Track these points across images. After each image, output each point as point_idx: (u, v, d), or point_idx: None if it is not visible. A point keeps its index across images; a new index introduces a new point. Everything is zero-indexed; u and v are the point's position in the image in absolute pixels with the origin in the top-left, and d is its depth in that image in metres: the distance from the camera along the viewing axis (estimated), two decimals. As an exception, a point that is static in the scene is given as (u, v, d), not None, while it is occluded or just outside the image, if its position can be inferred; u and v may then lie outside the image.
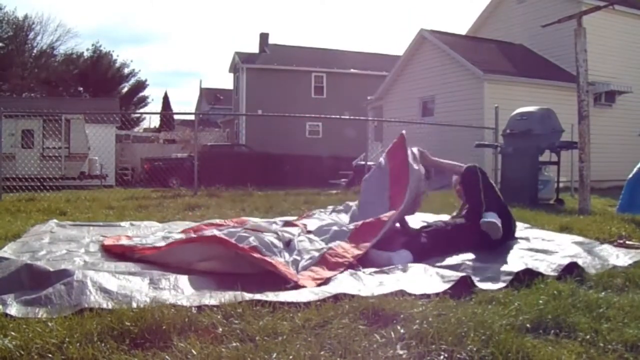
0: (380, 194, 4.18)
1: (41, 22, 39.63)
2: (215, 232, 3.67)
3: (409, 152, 4.18)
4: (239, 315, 2.21)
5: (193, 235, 3.83)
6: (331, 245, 3.43)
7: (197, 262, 3.13)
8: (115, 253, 3.57)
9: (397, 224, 4.00)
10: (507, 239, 3.94)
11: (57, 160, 16.50)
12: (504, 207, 4.09)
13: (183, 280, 2.77)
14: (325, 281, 2.87)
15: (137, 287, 2.62)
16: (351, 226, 3.81)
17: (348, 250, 3.33)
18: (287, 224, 4.39)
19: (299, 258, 3.27)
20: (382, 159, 4.48)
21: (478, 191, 3.97)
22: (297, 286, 2.74)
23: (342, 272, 3.02)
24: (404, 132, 4.41)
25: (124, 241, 3.88)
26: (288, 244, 3.53)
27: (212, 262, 3.10)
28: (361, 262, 3.26)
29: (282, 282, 2.77)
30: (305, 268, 3.11)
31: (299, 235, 3.74)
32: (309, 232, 3.92)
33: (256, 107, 24.74)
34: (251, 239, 3.26)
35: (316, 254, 3.29)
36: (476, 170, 4.04)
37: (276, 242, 3.43)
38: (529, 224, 4.98)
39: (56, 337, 1.91)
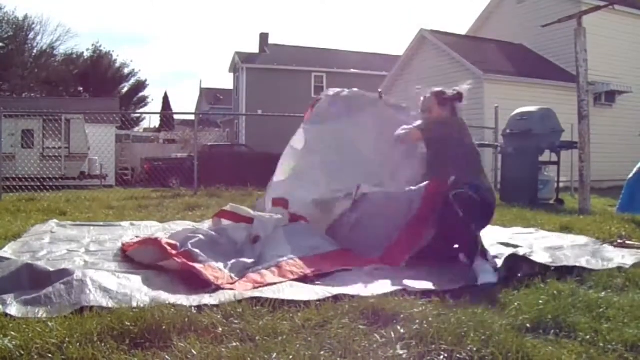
0: (389, 229, 3.54)
1: (41, 22, 39.69)
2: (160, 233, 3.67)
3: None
4: (239, 315, 2.21)
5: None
6: (295, 257, 3.19)
7: (157, 262, 3.13)
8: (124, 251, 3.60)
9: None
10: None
11: (57, 160, 16.48)
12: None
13: (183, 279, 2.78)
14: (267, 286, 2.74)
15: (137, 287, 2.62)
16: (331, 248, 3.48)
17: (312, 264, 3.11)
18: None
19: (249, 261, 3.16)
20: (419, 195, 3.57)
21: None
22: (217, 289, 2.65)
23: (289, 280, 2.85)
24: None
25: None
26: (255, 241, 3.50)
27: (168, 262, 3.07)
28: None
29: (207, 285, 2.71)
30: (255, 271, 3.01)
31: (276, 229, 3.60)
32: (295, 218, 3.77)
33: (256, 107, 24.72)
34: (192, 241, 3.25)
35: (277, 259, 3.13)
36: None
37: (239, 237, 3.49)
38: (529, 223, 4.99)
39: (56, 337, 1.91)
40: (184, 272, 2.90)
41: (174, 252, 3.06)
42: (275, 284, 2.79)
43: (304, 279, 2.90)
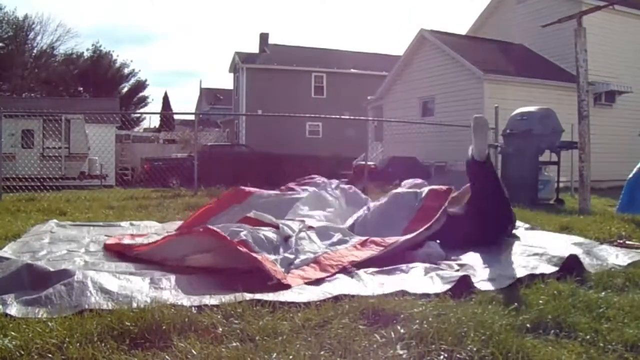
0: (400, 220, 4.07)
1: (41, 22, 39.58)
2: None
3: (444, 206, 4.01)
4: (239, 315, 2.21)
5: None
6: (329, 250, 3.40)
7: (190, 255, 3.14)
8: (115, 252, 3.59)
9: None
10: (507, 234, 4.02)
11: (57, 160, 16.48)
12: (506, 203, 4.11)
13: (183, 279, 2.77)
14: (315, 282, 2.84)
15: (137, 287, 2.62)
16: (355, 239, 3.70)
17: (345, 255, 3.30)
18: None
19: (291, 257, 3.24)
20: (423, 190, 4.32)
21: (482, 183, 4.03)
22: (279, 284, 2.72)
23: (333, 274, 2.98)
24: (453, 188, 4.28)
25: (126, 240, 3.90)
26: (286, 240, 3.52)
27: (205, 255, 3.10)
28: (379, 260, 3.24)
29: (268, 279, 2.76)
30: (297, 267, 3.10)
31: (300, 232, 3.70)
32: (310, 227, 3.88)
33: (256, 107, 24.72)
34: (242, 233, 3.25)
35: (312, 255, 3.27)
36: (482, 163, 4.02)
37: (272, 237, 3.44)
38: (529, 224, 4.98)
39: (56, 337, 1.91)
40: (189, 272, 2.90)
41: (235, 240, 3.08)
42: (320, 279, 2.88)
43: (343, 271, 3.02)
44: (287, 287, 2.71)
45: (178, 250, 3.22)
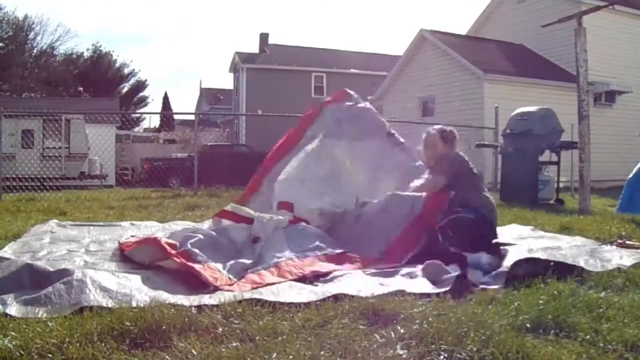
0: (391, 227, 3.70)
1: (41, 22, 39.64)
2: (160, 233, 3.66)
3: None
4: (239, 315, 2.21)
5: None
6: (295, 256, 3.24)
7: (155, 261, 3.13)
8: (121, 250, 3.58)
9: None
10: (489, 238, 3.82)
11: (57, 160, 16.48)
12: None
13: (183, 279, 2.78)
14: (266, 286, 2.75)
15: (136, 286, 2.62)
16: (330, 250, 3.46)
17: (309, 265, 3.16)
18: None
19: (248, 262, 3.17)
20: (421, 201, 3.86)
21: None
22: (216, 290, 2.66)
23: (287, 280, 2.88)
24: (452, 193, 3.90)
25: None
26: (255, 241, 3.51)
27: (167, 262, 3.08)
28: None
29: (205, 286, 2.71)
30: (254, 271, 3.02)
31: (276, 230, 3.61)
32: (297, 221, 3.79)
33: (256, 107, 24.72)
34: (192, 241, 3.24)
35: (276, 259, 3.16)
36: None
37: (239, 237, 3.48)
38: (529, 223, 4.98)
39: (56, 337, 1.91)
40: (183, 272, 2.90)
41: (173, 251, 3.06)
42: (273, 284, 2.80)
43: (302, 279, 2.90)
44: (229, 290, 2.65)
45: (144, 256, 3.24)
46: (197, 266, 2.91)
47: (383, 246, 3.56)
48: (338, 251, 3.47)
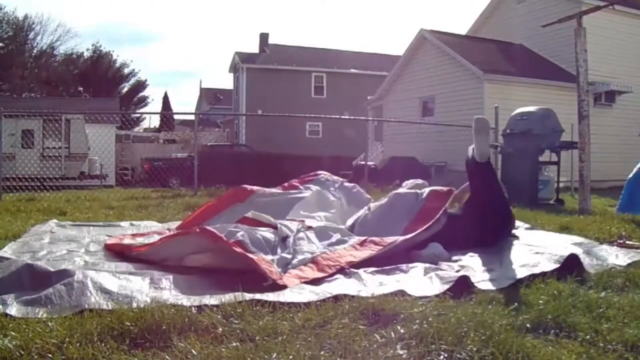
0: (401, 220, 4.04)
1: (41, 22, 39.59)
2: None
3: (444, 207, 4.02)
4: (239, 315, 2.21)
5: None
6: (327, 250, 3.38)
7: (188, 256, 3.14)
8: (116, 251, 3.59)
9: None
10: (507, 235, 4.01)
11: (57, 160, 16.48)
12: (505, 203, 4.13)
13: (183, 280, 2.77)
14: (312, 282, 2.83)
15: (137, 287, 2.62)
16: (354, 239, 3.67)
17: (343, 255, 3.28)
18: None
19: (289, 257, 3.23)
20: (424, 191, 4.30)
21: (481, 184, 4.05)
22: (275, 284, 2.71)
23: (331, 275, 2.97)
24: (454, 189, 4.26)
25: (126, 240, 3.90)
26: (284, 240, 3.51)
27: (203, 255, 3.11)
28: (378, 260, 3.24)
29: (264, 279, 2.75)
30: (294, 267, 3.09)
31: (299, 232, 3.68)
32: (309, 228, 3.86)
33: (256, 107, 24.73)
34: (239, 233, 3.23)
35: (310, 255, 3.25)
36: (483, 164, 4.03)
37: (270, 237, 3.43)
38: (529, 223, 4.98)
39: (56, 337, 1.91)
40: (189, 272, 2.90)
41: (231, 240, 3.06)
42: (318, 279, 2.87)
43: (340, 271, 3.01)
44: (284, 287, 2.71)
45: (176, 250, 3.22)
46: (254, 257, 2.94)
47: (400, 229, 3.86)
48: (361, 239, 3.63)
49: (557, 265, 3.02)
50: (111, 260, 3.38)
